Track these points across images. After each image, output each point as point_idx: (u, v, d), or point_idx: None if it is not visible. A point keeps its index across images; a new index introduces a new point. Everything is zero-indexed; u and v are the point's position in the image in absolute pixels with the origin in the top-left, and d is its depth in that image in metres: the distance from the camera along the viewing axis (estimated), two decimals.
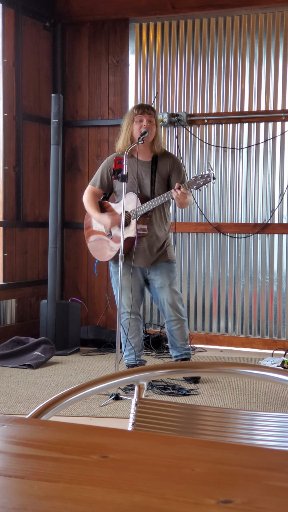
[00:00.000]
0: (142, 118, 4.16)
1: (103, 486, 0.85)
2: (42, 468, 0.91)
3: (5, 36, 5.43)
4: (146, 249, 4.28)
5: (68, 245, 6.13)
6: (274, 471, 0.93)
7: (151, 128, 4.18)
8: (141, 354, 4.46)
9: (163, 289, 4.35)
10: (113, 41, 5.93)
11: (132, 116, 4.20)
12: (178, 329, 4.40)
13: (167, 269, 4.36)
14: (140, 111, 4.18)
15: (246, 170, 5.57)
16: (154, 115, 4.22)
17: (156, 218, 4.28)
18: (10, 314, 5.59)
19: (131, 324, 4.36)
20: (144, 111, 4.18)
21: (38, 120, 5.81)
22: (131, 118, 4.21)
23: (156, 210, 4.27)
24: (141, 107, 4.22)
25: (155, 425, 1.44)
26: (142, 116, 4.16)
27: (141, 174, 4.27)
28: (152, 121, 4.19)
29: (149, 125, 4.17)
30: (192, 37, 5.71)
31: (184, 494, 0.83)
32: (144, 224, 4.25)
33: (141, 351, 4.45)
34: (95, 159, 6.03)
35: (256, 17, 5.50)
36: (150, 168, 4.27)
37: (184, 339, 4.44)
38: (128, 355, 4.39)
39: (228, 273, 5.64)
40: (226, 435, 1.40)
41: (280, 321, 5.48)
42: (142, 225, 4.24)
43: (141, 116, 4.17)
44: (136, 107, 4.25)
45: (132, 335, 4.36)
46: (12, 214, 5.56)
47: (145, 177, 4.27)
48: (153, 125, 4.19)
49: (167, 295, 4.35)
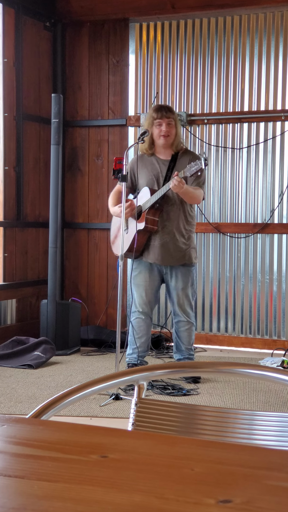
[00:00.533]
0: (161, 123, 4.23)
1: (103, 486, 0.85)
2: (41, 468, 0.91)
3: (5, 36, 5.43)
4: (163, 245, 4.28)
5: (69, 245, 6.13)
6: (273, 470, 0.93)
7: (171, 132, 4.24)
8: (145, 355, 4.47)
9: (175, 291, 4.37)
10: (113, 41, 5.93)
11: (151, 119, 4.26)
12: (186, 331, 4.42)
13: (183, 273, 4.36)
14: (158, 115, 4.22)
15: (246, 170, 5.57)
16: (173, 117, 4.26)
17: (175, 214, 4.28)
18: (11, 314, 5.59)
19: (140, 324, 4.38)
20: (163, 115, 4.22)
21: (38, 120, 5.81)
22: (150, 121, 4.27)
23: (176, 207, 4.27)
24: (159, 111, 4.24)
25: (155, 425, 1.44)
26: (161, 120, 4.22)
27: (160, 172, 4.31)
28: (171, 123, 4.24)
29: (168, 129, 4.23)
30: (192, 37, 5.71)
31: (183, 494, 0.83)
32: (155, 216, 4.25)
33: (146, 352, 4.47)
34: (95, 159, 6.03)
35: (256, 17, 5.50)
36: (168, 166, 4.30)
37: (189, 343, 4.45)
38: (131, 354, 4.41)
39: (228, 273, 5.64)
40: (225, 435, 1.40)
41: (279, 321, 5.48)
42: (152, 217, 4.25)
43: (160, 120, 4.22)
44: (154, 110, 4.27)
45: (139, 335, 4.38)
46: (12, 214, 5.56)
47: (163, 175, 4.31)
48: (172, 128, 4.25)
49: (178, 297, 4.37)
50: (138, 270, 4.38)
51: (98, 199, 6.04)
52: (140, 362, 4.40)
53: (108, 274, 6.01)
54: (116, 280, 5.26)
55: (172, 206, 4.27)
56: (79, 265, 6.10)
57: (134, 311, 4.41)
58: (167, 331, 5.63)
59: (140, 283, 4.37)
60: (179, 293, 4.36)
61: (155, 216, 4.26)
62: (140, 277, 4.37)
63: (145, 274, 4.37)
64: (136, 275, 4.39)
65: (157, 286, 4.44)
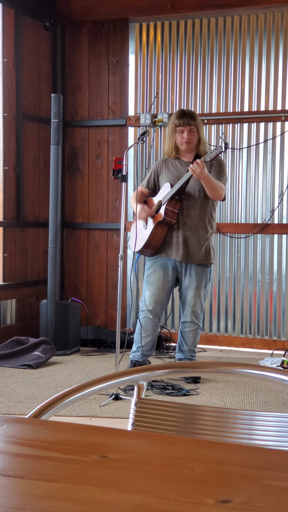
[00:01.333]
0: (183, 130, 4.27)
1: (103, 486, 0.85)
2: (41, 468, 0.91)
3: (5, 36, 5.43)
4: (182, 242, 4.28)
5: (68, 245, 6.13)
6: (273, 471, 0.93)
7: (192, 139, 4.29)
8: (149, 355, 4.48)
9: (189, 290, 4.36)
10: (113, 41, 5.93)
11: (173, 125, 4.30)
12: (191, 331, 4.42)
13: (197, 272, 4.35)
14: (180, 123, 4.26)
15: (246, 170, 5.57)
16: (195, 123, 4.29)
17: (195, 213, 4.29)
18: (10, 314, 5.59)
19: (147, 323, 4.38)
20: (185, 123, 4.25)
21: (38, 120, 5.81)
22: (173, 127, 4.31)
23: (196, 205, 4.29)
24: (181, 118, 4.27)
25: (155, 425, 1.44)
26: (183, 128, 4.26)
27: (182, 173, 4.32)
28: (193, 130, 4.28)
29: (190, 136, 4.27)
30: (192, 37, 5.71)
31: (183, 494, 0.83)
32: (175, 208, 4.26)
33: (150, 351, 4.47)
34: (95, 159, 6.03)
35: (256, 17, 5.50)
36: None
37: (193, 345, 4.45)
38: (135, 351, 4.42)
39: (228, 273, 5.64)
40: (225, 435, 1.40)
41: (279, 321, 5.49)
42: (172, 208, 4.26)
43: (182, 128, 4.27)
44: (177, 117, 4.30)
45: (146, 334, 4.38)
46: (12, 214, 5.56)
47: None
48: (194, 135, 4.29)
49: (190, 297, 4.36)
50: (153, 268, 4.38)
51: (98, 199, 6.04)
52: (143, 360, 4.40)
53: (108, 274, 6.01)
54: (116, 280, 5.26)
55: (193, 203, 4.29)
56: (79, 265, 6.10)
57: (143, 310, 4.40)
58: (167, 331, 5.63)
59: (154, 281, 4.37)
60: (192, 293, 4.35)
61: (174, 208, 4.26)
62: (154, 275, 4.37)
63: (159, 273, 4.36)
64: (150, 273, 4.38)
65: (170, 286, 4.43)
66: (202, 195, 4.27)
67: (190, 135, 4.27)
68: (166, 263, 4.36)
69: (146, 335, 4.39)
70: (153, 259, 4.39)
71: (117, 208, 5.92)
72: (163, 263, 4.36)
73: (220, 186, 4.25)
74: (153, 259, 4.39)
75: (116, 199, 5.95)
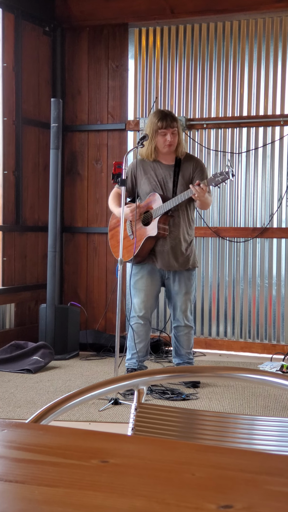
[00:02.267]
0: (166, 132, 4.22)
1: (104, 491, 0.85)
2: (42, 473, 0.91)
3: (5, 41, 5.45)
4: (169, 251, 4.29)
5: (68, 250, 6.13)
6: (274, 476, 0.93)
7: (175, 141, 4.25)
8: (144, 360, 4.47)
9: (178, 296, 4.37)
10: (113, 46, 5.94)
11: (155, 127, 4.22)
12: (185, 335, 4.42)
13: (185, 277, 4.37)
14: (164, 125, 4.20)
15: (245, 175, 5.58)
16: (177, 125, 4.26)
17: (180, 220, 4.30)
18: (9, 319, 5.58)
19: (139, 329, 4.38)
20: (168, 125, 4.20)
21: (38, 125, 5.82)
22: (155, 129, 4.23)
23: (181, 212, 4.29)
24: (164, 120, 4.21)
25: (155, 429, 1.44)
26: (165, 130, 4.21)
27: (164, 177, 4.32)
28: (175, 132, 4.24)
29: (173, 138, 4.23)
30: (191, 42, 5.72)
31: (184, 499, 0.83)
32: (165, 224, 4.26)
33: (145, 356, 4.47)
34: (95, 163, 6.03)
35: (255, 22, 5.51)
36: (173, 171, 4.31)
37: (189, 347, 4.46)
38: (130, 359, 4.41)
39: (227, 277, 5.64)
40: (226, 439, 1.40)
41: (279, 325, 5.48)
42: (163, 224, 4.26)
43: (164, 130, 4.21)
44: (159, 119, 4.22)
45: (138, 340, 4.38)
46: (12, 218, 5.56)
47: (169, 180, 4.32)
48: (176, 136, 4.25)
49: (181, 302, 4.37)
50: (140, 274, 4.38)
51: (97, 203, 6.04)
52: (139, 367, 4.39)
53: (107, 278, 6.00)
54: (115, 284, 5.26)
55: (177, 212, 4.29)
56: (78, 269, 6.10)
57: (134, 316, 4.41)
58: (166, 335, 5.63)
59: (142, 287, 4.37)
60: (182, 298, 4.36)
61: (165, 222, 4.27)
62: (142, 281, 4.37)
63: (147, 279, 4.37)
64: (137, 280, 4.38)
65: (157, 291, 4.45)
66: (185, 202, 4.28)
67: (173, 137, 4.23)
68: (153, 269, 4.36)
69: (139, 340, 4.39)
70: (140, 266, 4.38)
71: None
72: (150, 269, 4.36)
73: (211, 201, 4.32)
74: (140, 266, 4.38)
75: None
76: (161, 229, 4.26)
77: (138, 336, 4.38)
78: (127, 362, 4.43)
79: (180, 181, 4.28)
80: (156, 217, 4.25)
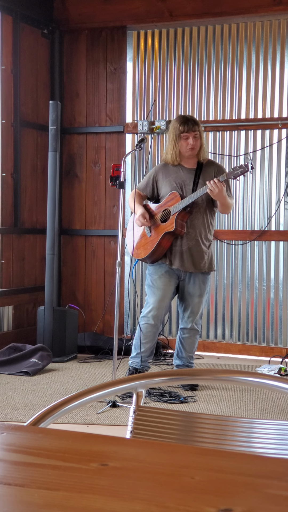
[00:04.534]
0: (188, 136, 4.25)
1: (103, 494, 0.85)
2: (42, 476, 0.91)
3: (3, 43, 5.45)
4: (187, 251, 4.29)
5: (66, 252, 6.13)
6: (273, 479, 0.93)
7: (197, 144, 4.28)
8: (148, 360, 4.47)
9: (193, 298, 4.37)
10: (111, 49, 5.95)
11: (177, 132, 4.27)
12: (190, 338, 4.42)
13: (201, 280, 4.37)
14: (185, 129, 4.24)
15: (243, 178, 5.58)
16: (199, 129, 4.29)
17: (198, 222, 4.30)
18: (7, 321, 5.58)
19: (148, 330, 4.37)
20: (190, 129, 4.24)
21: (36, 127, 5.82)
22: (177, 133, 4.27)
23: (200, 215, 4.30)
24: (186, 124, 4.25)
25: (154, 432, 1.44)
26: (187, 134, 4.25)
27: (185, 180, 4.33)
28: (197, 136, 4.28)
29: (195, 142, 4.26)
30: (189, 45, 5.73)
31: (184, 502, 0.83)
32: (184, 220, 4.26)
33: (149, 357, 4.47)
34: (93, 166, 6.04)
35: (253, 25, 5.52)
36: (194, 174, 4.33)
37: (191, 351, 4.46)
38: (134, 357, 4.41)
39: (225, 280, 5.64)
40: (225, 443, 1.40)
41: (277, 328, 5.49)
42: (181, 220, 4.26)
43: (187, 134, 4.25)
44: (181, 123, 4.26)
45: (145, 340, 4.37)
46: (10, 220, 5.56)
47: (189, 182, 4.33)
48: (198, 140, 4.29)
49: (193, 304, 4.37)
50: (158, 274, 4.36)
51: (95, 205, 6.04)
52: (142, 367, 4.39)
53: (105, 280, 6.00)
54: (113, 287, 5.26)
55: (197, 213, 4.30)
56: (76, 272, 6.09)
57: (145, 316, 4.38)
58: (165, 338, 5.63)
59: (160, 286, 4.35)
60: (196, 300, 4.36)
61: (183, 219, 4.27)
62: (160, 281, 4.35)
63: (165, 279, 4.36)
64: (155, 279, 4.37)
65: (173, 292, 4.43)
66: (205, 205, 4.30)
67: (195, 141, 4.27)
68: (170, 270, 4.36)
69: (146, 341, 4.38)
70: (157, 265, 4.38)
71: (114, 214, 5.93)
72: (168, 269, 4.36)
73: (231, 204, 4.32)
74: (157, 265, 4.38)
75: (114, 206, 5.95)
76: (179, 225, 4.25)
77: (145, 337, 4.37)
78: (130, 360, 4.44)
79: (201, 183, 4.28)
80: (174, 213, 4.26)
